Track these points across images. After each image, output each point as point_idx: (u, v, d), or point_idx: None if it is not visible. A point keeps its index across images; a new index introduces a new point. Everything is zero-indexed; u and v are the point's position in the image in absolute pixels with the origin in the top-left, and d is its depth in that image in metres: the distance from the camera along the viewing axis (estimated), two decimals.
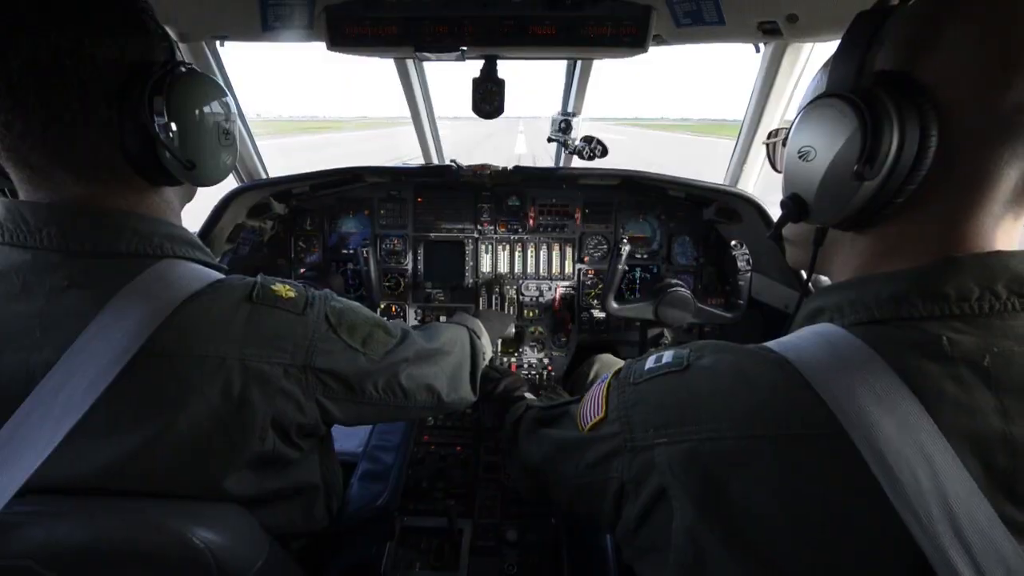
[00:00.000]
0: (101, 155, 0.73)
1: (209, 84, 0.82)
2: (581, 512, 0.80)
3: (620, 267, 1.70)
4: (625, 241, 1.69)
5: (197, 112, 0.79)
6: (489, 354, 1.30)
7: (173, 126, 0.74)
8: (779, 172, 0.83)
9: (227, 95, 0.87)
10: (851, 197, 0.58)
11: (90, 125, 0.70)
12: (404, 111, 2.01)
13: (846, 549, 0.49)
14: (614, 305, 1.72)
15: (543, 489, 0.91)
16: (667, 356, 0.69)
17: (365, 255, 1.80)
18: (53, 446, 0.63)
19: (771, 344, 0.62)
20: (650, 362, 0.70)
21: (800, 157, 0.66)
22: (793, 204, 0.68)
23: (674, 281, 1.73)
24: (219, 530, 0.70)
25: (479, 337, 1.27)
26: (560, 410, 0.94)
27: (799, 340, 0.61)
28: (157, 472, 0.71)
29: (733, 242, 1.67)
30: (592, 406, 0.76)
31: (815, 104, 0.63)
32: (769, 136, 0.89)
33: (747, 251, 1.66)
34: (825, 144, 0.61)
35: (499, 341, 1.69)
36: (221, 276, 0.80)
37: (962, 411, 0.49)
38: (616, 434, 0.69)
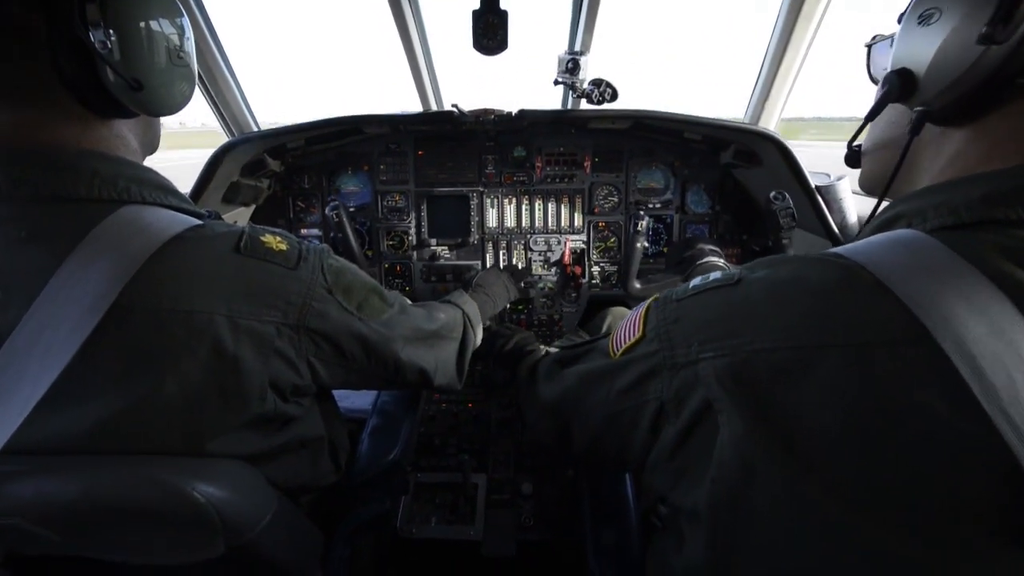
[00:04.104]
0: (29, 74, 0.64)
1: None
2: (608, 448, 0.76)
3: (639, 245, 1.59)
4: (643, 213, 1.57)
5: (141, 23, 0.70)
6: (479, 342, 1.26)
7: (112, 36, 0.65)
8: (876, 83, 0.77)
9: (182, 14, 0.77)
10: (971, 66, 0.52)
11: (12, 37, 0.62)
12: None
13: (927, 461, 0.45)
14: (637, 285, 1.63)
15: (563, 431, 0.86)
16: (715, 274, 0.63)
17: (336, 218, 1.63)
18: (31, 405, 0.59)
19: (839, 249, 0.56)
20: (695, 281, 0.65)
21: (920, 22, 0.59)
22: (898, 79, 0.61)
23: (707, 248, 1.59)
24: (222, 485, 0.66)
25: (473, 326, 1.22)
26: (584, 348, 0.88)
27: (872, 245, 0.54)
28: (150, 433, 0.67)
29: (773, 193, 1.45)
30: (627, 329, 0.71)
31: None
32: (874, 38, 0.78)
33: (790, 203, 1.44)
34: (955, 2, 0.54)
35: (508, 298, 1.64)
36: (200, 223, 0.73)
37: None
38: (654, 352, 0.64)
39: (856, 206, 1.61)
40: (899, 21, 0.66)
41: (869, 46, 0.79)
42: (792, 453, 0.50)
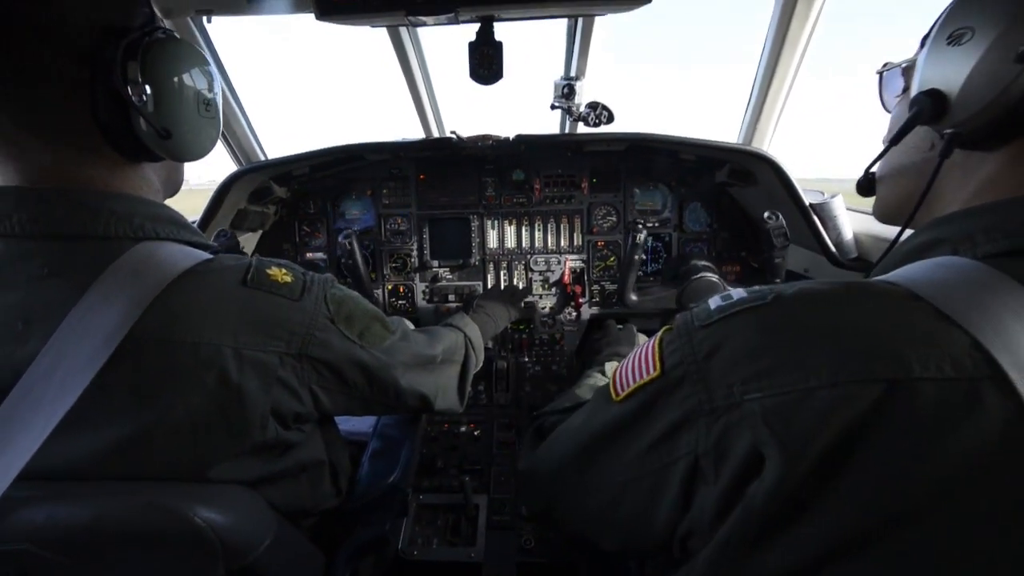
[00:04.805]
0: (70, 120, 0.69)
1: (189, 51, 0.78)
2: (618, 529, 0.62)
3: (638, 257, 1.59)
4: (641, 227, 1.57)
5: (175, 79, 0.75)
6: (480, 364, 1.28)
7: (148, 90, 0.70)
8: (888, 111, 0.76)
9: (209, 64, 0.83)
10: (1009, 85, 0.50)
11: (58, 85, 0.66)
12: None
13: (1005, 507, 0.41)
14: (633, 298, 1.62)
15: (552, 508, 0.73)
16: (737, 294, 0.54)
17: (349, 247, 1.69)
18: (49, 431, 0.61)
19: (895, 279, 0.50)
20: (715, 302, 0.55)
21: (950, 42, 0.56)
22: (929, 100, 0.58)
23: (700, 264, 1.62)
24: (222, 510, 0.68)
25: (474, 349, 1.25)
26: (575, 405, 0.77)
27: (920, 272, 0.49)
28: (155, 459, 0.70)
29: (767, 213, 1.48)
30: (638, 366, 0.59)
31: None
32: (885, 65, 0.75)
33: (783, 224, 1.46)
34: (990, 22, 0.53)
35: (509, 318, 1.66)
36: (210, 256, 0.77)
37: None
38: (687, 396, 0.53)
39: (851, 223, 1.62)
40: (922, 44, 0.64)
41: (880, 73, 0.76)
42: (834, 502, 0.44)
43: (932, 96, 0.58)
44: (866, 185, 0.76)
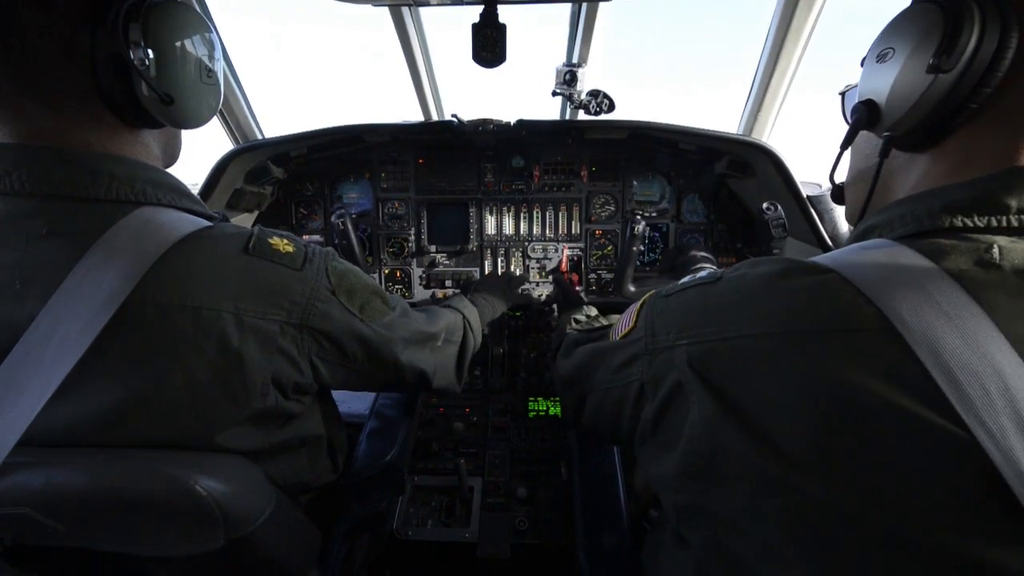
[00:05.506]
0: (70, 83, 0.68)
1: (191, 15, 0.77)
2: (605, 420, 0.84)
3: (635, 249, 1.61)
4: (639, 218, 1.58)
5: (178, 43, 0.74)
6: (478, 346, 1.29)
7: (150, 54, 0.69)
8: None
9: (211, 32, 0.81)
10: (924, 93, 0.59)
11: (57, 48, 0.65)
12: None
13: (890, 449, 0.48)
14: (631, 289, 1.63)
15: (580, 402, 0.94)
16: (702, 273, 0.71)
17: (341, 226, 1.69)
18: (48, 394, 0.61)
19: (818, 258, 0.61)
20: (685, 279, 0.73)
21: (878, 60, 0.67)
22: (865, 109, 0.68)
23: (699, 255, 1.63)
24: (223, 479, 0.69)
25: (472, 330, 1.26)
26: (599, 332, 1.00)
27: (843, 252, 0.60)
28: (156, 425, 0.70)
29: (766, 204, 1.54)
30: (625, 320, 0.82)
31: (902, 12, 0.65)
32: (847, 87, 0.85)
33: (782, 214, 1.52)
34: (905, 41, 0.63)
35: (506, 304, 1.66)
36: (210, 223, 0.76)
37: (1018, 319, 0.48)
38: (640, 339, 0.73)
39: None
40: (862, 64, 0.74)
41: (842, 93, 0.86)
42: (753, 432, 0.54)
43: (867, 105, 0.68)
44: (837, 194, 0.86)
